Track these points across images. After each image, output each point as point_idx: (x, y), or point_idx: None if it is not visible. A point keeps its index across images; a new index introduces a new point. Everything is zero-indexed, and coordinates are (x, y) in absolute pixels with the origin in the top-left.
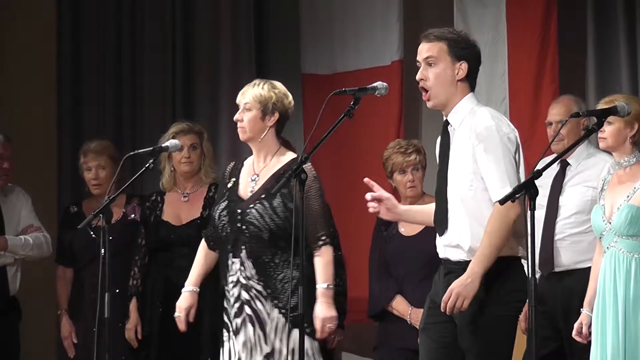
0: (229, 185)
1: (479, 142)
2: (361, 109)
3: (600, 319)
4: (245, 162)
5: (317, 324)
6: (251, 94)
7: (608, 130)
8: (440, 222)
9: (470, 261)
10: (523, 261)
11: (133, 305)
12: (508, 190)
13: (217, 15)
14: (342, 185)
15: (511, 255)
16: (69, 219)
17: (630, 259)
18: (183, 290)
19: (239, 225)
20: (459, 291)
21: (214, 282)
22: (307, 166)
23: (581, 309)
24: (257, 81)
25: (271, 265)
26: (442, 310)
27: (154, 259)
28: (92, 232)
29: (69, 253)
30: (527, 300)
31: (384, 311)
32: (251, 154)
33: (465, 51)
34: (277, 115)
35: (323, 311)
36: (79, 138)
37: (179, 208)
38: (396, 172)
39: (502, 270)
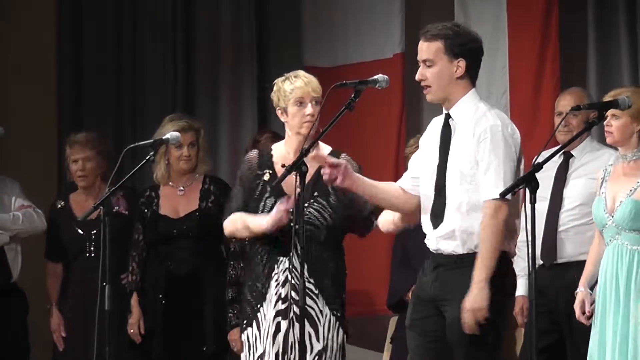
0: (265, 177)
1: (483, 139)
2: (362, 101)
3: (600, 313)
4: (273, 153)
5: None
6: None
7: (615, 125)
8: (437, 214)
9: (462, 255)
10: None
11: (134, 300)
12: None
13: (219, 8)
14: None
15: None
16: (56, 214)
17: (634, 252)
18: None
19: (291, 224)
20: (472, 307)
21: (214, 275)
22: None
23: (576, 291)
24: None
25: (322, 263)
26: (466, 332)
27: (154, 253)
28: (78, 228)
29: (58, 248)
30: (525, 295)
31: (402, 302)
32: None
33: (463, 48)
34: None
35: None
36: None
37: (176, 201)
38: None
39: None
